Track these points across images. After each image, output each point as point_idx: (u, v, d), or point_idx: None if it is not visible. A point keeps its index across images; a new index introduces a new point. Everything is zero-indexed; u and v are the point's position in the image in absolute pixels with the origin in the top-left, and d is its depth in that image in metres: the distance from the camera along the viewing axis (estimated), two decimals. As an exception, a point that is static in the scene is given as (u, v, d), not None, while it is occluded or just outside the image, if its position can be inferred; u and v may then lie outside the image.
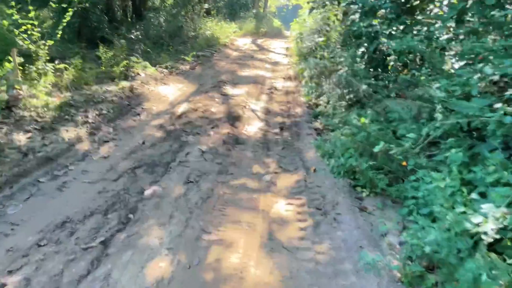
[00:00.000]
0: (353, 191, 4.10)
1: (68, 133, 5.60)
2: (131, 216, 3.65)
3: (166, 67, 10.81)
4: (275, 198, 4.13)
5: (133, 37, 11.49)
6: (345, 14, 8.43)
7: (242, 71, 11.45)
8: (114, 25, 14.57)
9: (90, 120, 6.13)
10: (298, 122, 6.81)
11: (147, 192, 4.13)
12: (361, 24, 6.27)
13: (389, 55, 6.08)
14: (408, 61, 5.63)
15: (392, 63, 5.89)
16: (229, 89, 9.13)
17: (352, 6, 6.56)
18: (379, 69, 6.22)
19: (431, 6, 6.90)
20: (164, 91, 8.71)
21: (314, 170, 4.67)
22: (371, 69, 6.18)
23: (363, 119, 4.01)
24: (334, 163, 4.31)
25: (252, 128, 6.53)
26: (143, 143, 5.56)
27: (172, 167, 4.79)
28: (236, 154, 5.33)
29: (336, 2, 8.38)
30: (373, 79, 5.76)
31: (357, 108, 5.61)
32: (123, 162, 4.88)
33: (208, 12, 20.64)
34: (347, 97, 5.70)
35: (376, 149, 3.51)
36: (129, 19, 17.75)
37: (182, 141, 5.67)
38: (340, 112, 5.60)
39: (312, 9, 8.38)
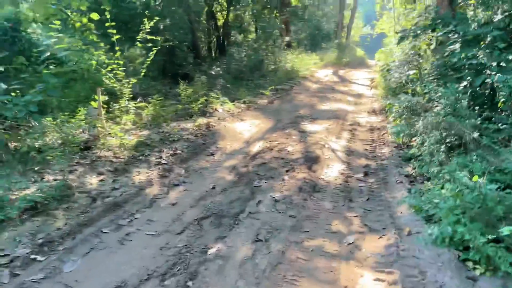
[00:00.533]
0: (463, 266, 3.19)
1: (139, 175, 5.41)
2: (190, 284, 3.16)
3: (244, 102, 10.60)
4: (360, 269, 3.37)
5: (213, 72, 11.48)
6: (441, 43, 7.48)
7: (321, 104, 10.83)
8: (197, 61, 15.04)
9: (163, 161, 5.93)
10: (385, 165, 5.96)
11: (211, 251, 3.64)
12: (463, 55, 5.36)
13: (496, 91, 5.07)
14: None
15: (503, 100, 4.88)
16: (307, 125, 8.55)
17: (450, 35, 5.68)
18: (485, 108, 5.20)
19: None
20: (240, 127, 8.40)
21: (409, 233, 3.82)
22: (476, 108, 5.19)
23: (476, 177, 3.13)
24: (436, 230, 3.44)
25: (331, 171, 5.83)
26: (213, 187, 5.16)
27: (241, 219, 4.28)
28: (313, 205, 4.66)
29: (429, 31, 7.47)
30: (479, 119, 4.78)
31: (458, 154, 4.66)
32: (190, 211, 4.49)
33: (289, 45, 20.53)
34: (447, 140, 4.77)
35: (506, 231, 2.64)
36: (213, 55, 18.34)
37: (254, 187, 5.16)
38: (438, 158, 4.68)
39: (401, 38, 7.55)
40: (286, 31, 20.97)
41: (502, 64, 4.93)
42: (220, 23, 19.77)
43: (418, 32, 7.65)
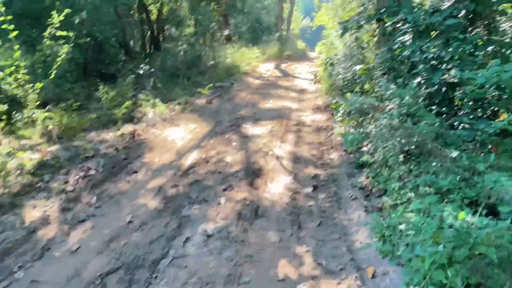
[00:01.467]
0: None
1: (34, 210, 4.16)
2: None
3: (179, 103, 9.43)
4: None
5: (141, 72, 10.17)
6: (385, 34, 6.82)
7: (264, 102, 9.94)
8: (128, 58, 13.58)
9: (69, 187, 4.69)
10: (336, 175, 5.16)
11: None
12: (415, 47, 4.64)
13: (455, 87, 4.41)
14: (490, 98, 3.94)
15: (463, 97, 4.22)
16: (249, 128, 7.60)
17: (399, 25, 4.95)
18: (443, 106, 4.53)
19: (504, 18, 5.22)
20: (173, 134, 7.26)
21: (373, 275, 3.00)
22: (433, 108, 4.51)
23: (462, 214, 2.34)
24: (407, 269, 2.62)
25: (277, 187, 4.93)
26: (130, 221, 4.05)
27: (162, 268, 3.24)
28: (255, 238, 3.72)
29: (373, 22, 6.77)
30: (437, 120, 4.07)
31: (419, 163, 3.93)
32: (94, 261, 3.36)
33: (229, 39, 19.46)
34: (406, 148, 4.03)
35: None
36: (147, 51, 16.85)
37: (182, 217, 4.12)
38: (398, 172, 3.92)
39: (345, 29, 6.80)
40: (226, 24, 19.87)
41: (460, 57, 4.25)
42: (154, 16, 18.29)
43: (362, 22, 6.91)
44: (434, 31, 4.73)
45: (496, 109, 4.05)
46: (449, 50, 4.15)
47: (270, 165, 5.67)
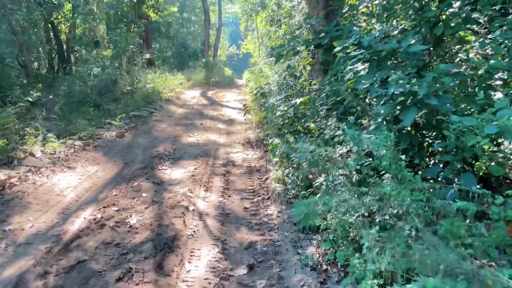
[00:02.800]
0: None
1: None
2: None
3: (82, 138, 7.55)
4: None
5: (30, 98, 8.12)
6: (331, 62, 5.79)
7: (188, 136, 8.42)
8: (31, 81, 11.33)
9: None
10: (277, 243, 3.80)
11: None
12: (376, 78, 3.55)
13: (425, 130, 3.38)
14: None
15: (441, 144, 3.17)
16: (166, 171, 6.03)
17: (349, 51, 3.85)
18: (413, 154, 3.44)
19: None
20: (64, 182, 5.43)
21: None
22: (401, 156, 3.38)
23: None
24: None
25: (197, 269, 3.42)
26: None
27: None
28: None
29: (311, 48, 5.72)
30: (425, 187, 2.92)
31: (397, 236, 2.72)
32: None
33: (151, 63, 17.74)
34: (378, 218, 2.81)
35: None
36: (56, 74, 14.53)
37: None
38: (364, 240, 2.66)
39: (279, 56, 5.64)
40: (147, 47, 18.15)
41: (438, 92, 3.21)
42: (64, 36, 16.03)
43: (298, 48, 5.83)
44: (395, 60, 3.68)
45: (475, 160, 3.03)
46: (423, 84, 3.07)
47: (190, 228, 4.15)
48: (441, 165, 3.30)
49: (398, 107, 3.35)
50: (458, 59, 4.00)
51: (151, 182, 5.52)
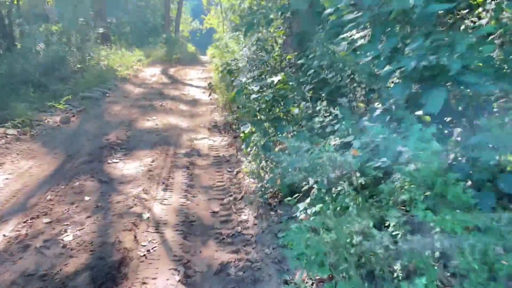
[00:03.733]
0: None
1: None
2: None
3: (17, 125, 6.25)
4: None
5: None
6: (302, 35, 4.83)
7: (145, 120, 7.27)
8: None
9: None
10: (255, 264, 2.90)
11: None
12: (385, 47, 2.65)
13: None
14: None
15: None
16: (116, 165, 4.94)
17: (351, 15, 2.90)
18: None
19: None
20: (-17, 185, 4.25)
21: None
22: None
23: None
24: None
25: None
26: None
27: None
28: None
29: (287, 14, 4.72)
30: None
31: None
32: None
33: (106, 38, 16.01)
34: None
35: None
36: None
37: None
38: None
39: (249, 26, 4.60)
40: (101, 20, 16.35)
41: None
42: (4, 10, 14.00)
43: (271, 17, 4.81)
44: (407, 24, 2.77)
45: None
46: (452, 55, 2.20)
47: (143, 245, 3.16)
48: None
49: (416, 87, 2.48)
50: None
51: (97, 181, 4.43)
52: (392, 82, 2.65)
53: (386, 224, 2.08)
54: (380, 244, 1.83)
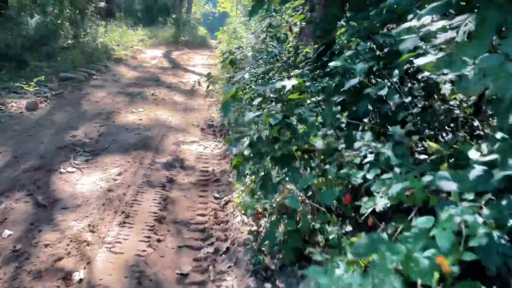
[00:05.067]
0: None
1: None
2: None
3: (-35, 110, 4.96)
4: None
5: None
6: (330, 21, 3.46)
7: (128, 112, 5.95)
8: None
9: None
10: None
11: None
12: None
13: None
14: None
15: None
16: (70, 178, 3.64)
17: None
18: None
19: None
20: None
21: None
22: None
23: None
24: None
25: None
26: None
27: None
28: None
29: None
30: None
31: None
32: None
33: (110, 14, 14.58)
34: None
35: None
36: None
37: None
38: None
39: (259, 4, 3.19)
40: (106, -5, 14.91)
41: None
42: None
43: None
44: None
45: None
46: None
47: None
48: None
49: None
50: None
51: (33, 203, 3.14)
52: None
53: None
54: None
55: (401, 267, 1.05)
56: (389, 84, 1.82)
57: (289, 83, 2.42)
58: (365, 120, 1.91)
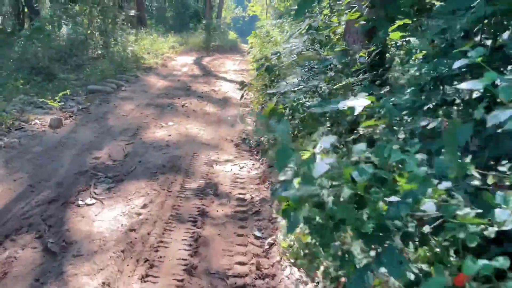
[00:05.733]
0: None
1: None
2: None
3: (-14, 130, 4.60)
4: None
5: None
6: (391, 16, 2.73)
7: (157, 126, 5.43)
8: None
9: None
10: None
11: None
12: None
13: None
14: None
15: None
16: (88, 213, 3.09)
17: None
18: None
19: None
20: None
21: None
22: None
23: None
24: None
25: None
26: None
27: None
28: None
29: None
30: None
31: None
32: None
33: (141, 22, 14.39)
34: None
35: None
36: (19, 31, 11.33)
37: None
38: None
39: (304, 4, 2.50)
40: (137, 4, 14.76)
41: None
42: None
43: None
44: None
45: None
46: None
47: None
48: None
49: None
50: None
51: (41, 249, 2.62)
52: None
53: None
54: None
55: None
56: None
57: (359, 104, 1.73)
58: (505, 169, 1.19)
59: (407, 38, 2.73)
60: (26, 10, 12.63)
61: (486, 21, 1.93)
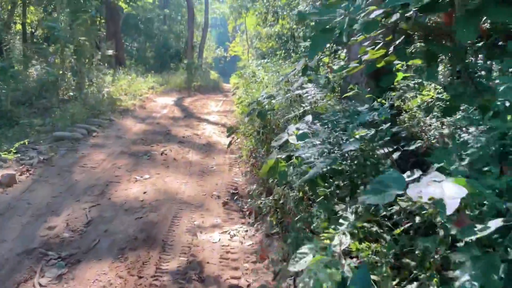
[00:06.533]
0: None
1: None
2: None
3: None
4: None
5: None
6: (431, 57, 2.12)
7: (130, 181, 4.60)
8: None
9: None
10: None
11: None
12: None
13: None
14: None
15: None
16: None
17: None
18: None
19: None
20: None
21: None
22: None
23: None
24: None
25: None
26: None
27: None
28: None
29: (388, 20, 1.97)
30: None
31: None
32: None
33: (120, 62, 13.80)
34: None
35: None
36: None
37: None
38: None
39: (325, 36, 1.87)
40: (115, 43, 14.21)
41: None
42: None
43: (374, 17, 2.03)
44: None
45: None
46: None
47: None
48: None
49: None
50: None
51: None
52: None
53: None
54: None
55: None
56: None
57: (451, 194, 1.05)
58: None
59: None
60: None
61: None
